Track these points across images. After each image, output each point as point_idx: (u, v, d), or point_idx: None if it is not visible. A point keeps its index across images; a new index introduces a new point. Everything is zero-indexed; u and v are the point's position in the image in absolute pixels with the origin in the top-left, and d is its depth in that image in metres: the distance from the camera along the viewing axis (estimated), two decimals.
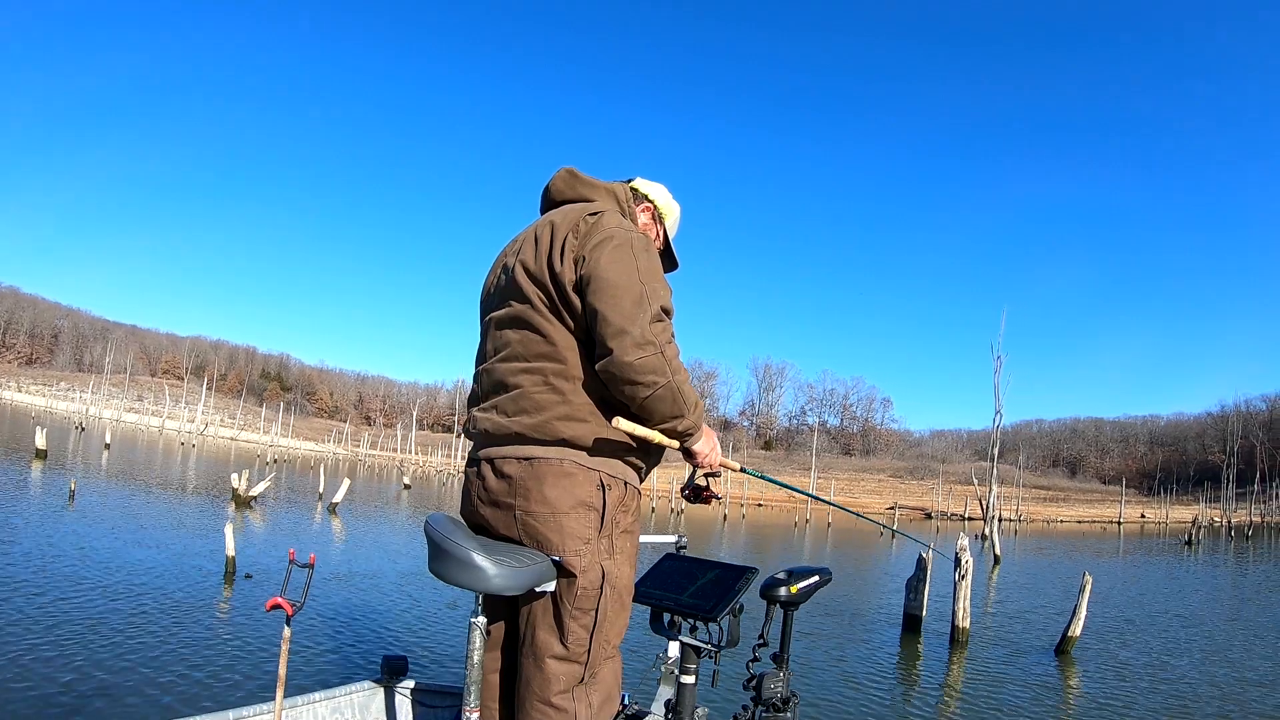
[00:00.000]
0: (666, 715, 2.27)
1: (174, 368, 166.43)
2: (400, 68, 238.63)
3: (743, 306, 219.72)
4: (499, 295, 2.30)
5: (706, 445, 2.22)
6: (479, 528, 2.21)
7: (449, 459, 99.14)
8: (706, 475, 2.34)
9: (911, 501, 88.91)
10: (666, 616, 2.31)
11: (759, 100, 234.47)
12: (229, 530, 10.57)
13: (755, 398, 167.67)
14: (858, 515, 4.37)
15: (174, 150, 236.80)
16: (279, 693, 2.42)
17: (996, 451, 37.00)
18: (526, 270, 2.17)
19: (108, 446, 40.87)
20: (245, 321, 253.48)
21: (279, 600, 2.49)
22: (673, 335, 2.10)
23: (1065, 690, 8.54)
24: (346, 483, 24.75)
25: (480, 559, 1.94)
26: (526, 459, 2.09)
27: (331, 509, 21.95)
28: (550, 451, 2.08)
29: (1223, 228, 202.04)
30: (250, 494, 20.82)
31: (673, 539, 3.19)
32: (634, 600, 2.26)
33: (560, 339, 2.11)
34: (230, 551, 10.36)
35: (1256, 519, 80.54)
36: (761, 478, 2.73)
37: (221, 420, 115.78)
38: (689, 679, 2.25)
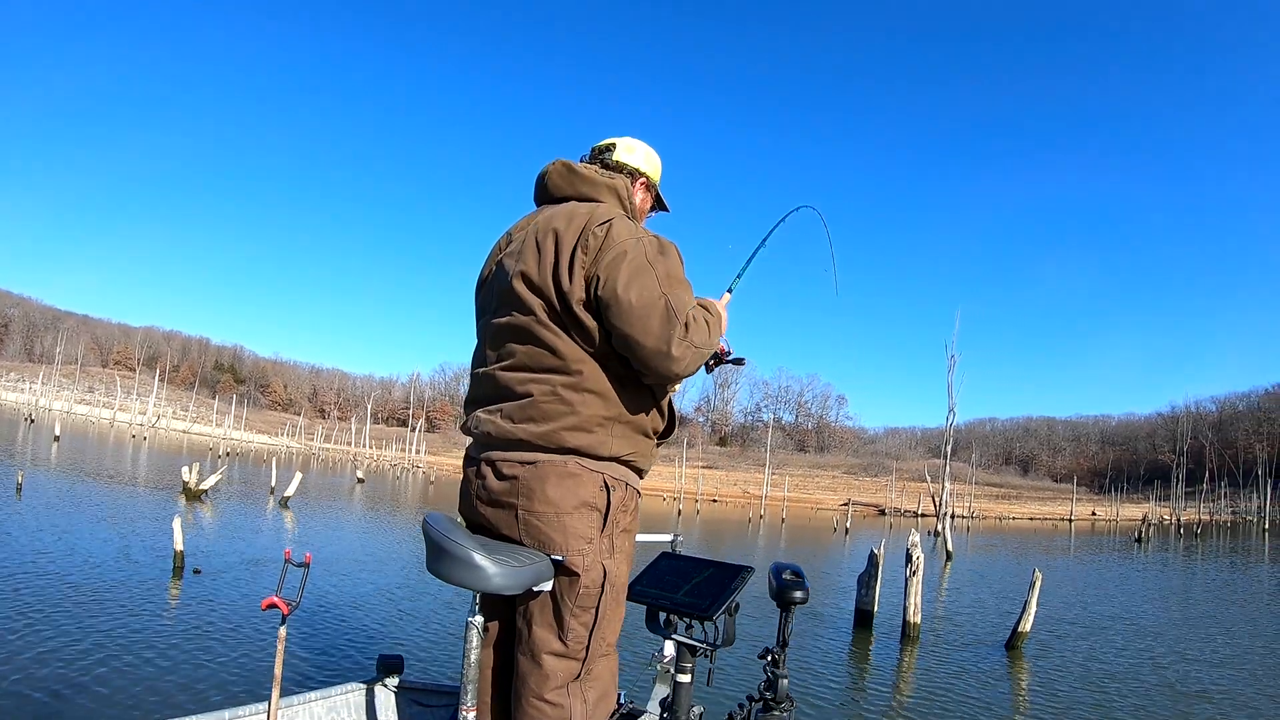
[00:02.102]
0: (662, 714, 2.27)
1: (126, 359, 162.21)
2: (377, 61, 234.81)
3: None
4: (498, 299, 2.27)
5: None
6: (479, 527, 2.21)
7: (403, 453, 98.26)
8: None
9: (865, 498, 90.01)
10: (662, 615, 2.30)
11: (738, 95, 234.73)
12: (177, 524, 10.37)
13: (710, 394, 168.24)
14: None
15: (127, 140, 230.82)
16: (274, 692, 2.40)
17: (950, 449, 37.69)
18: (529, 282, 2.15)
19: (57, 439, 40.29)
20: (199, 312, 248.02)
21: (274, 599, 2.47)
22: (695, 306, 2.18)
23: (1015, 685, 8.71)
24: (298, 476, 24.37)
25: (479, 558, 1.94)
26: (530, 462, 2.09)
27: (283, 503, 21.67)
28: (554, 456, 2.09)
29: (1176, 232, 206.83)
30: (201, 487, 20.45)
31: (668, 537, 3.20)
32: (630, 599, 2.28)
33: (568, 352, 2.10)
34: (178, 546, 10.16)
35: (1205, 517, 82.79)
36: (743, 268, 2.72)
37: (174, 413, 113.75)
38: (685, 678, 2.25)
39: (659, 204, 2.61)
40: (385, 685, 2.87)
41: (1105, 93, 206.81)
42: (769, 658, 2.28)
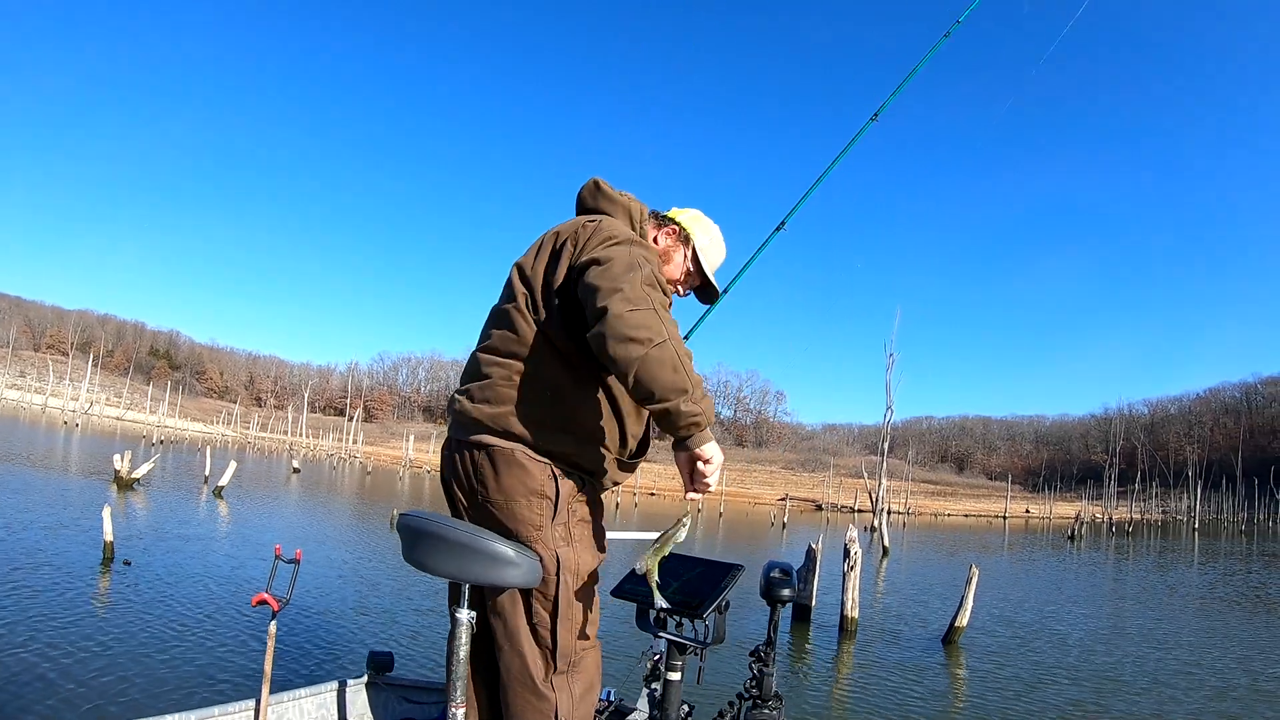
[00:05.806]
0: (652, 712, 2.30)
1: (59, 343, 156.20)
2: (326, 46, 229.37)
3: None
4: (501, 294, 2.35)
5: (718, 454, 1.98)
6: (458, 513, 2.26)
7: (340, 442, 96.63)
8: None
9: (803, 493, 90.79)
10: (652, 613, 2.34)
11: (722, 92, 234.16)
12: (107, 514, 10.11)
13: None
14: None
15: (65, 121, 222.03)
16: (264, 689, 2.39)
17: (887, 446, 38.48)
18: (521, 271, 2.24)
19: None
20: (135, 295, 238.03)
21: (265, 596, 2.45)
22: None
23: (953, 679, 8.90)
24: (233, 465, 23.95)
25: (466, 549, 1.98)
26: (485, 447, 2.14)
27: (217, 492, 21.25)
28: (502, 442, 2.13)
29: (1121, 238, 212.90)
30: (133, 476, 20.10)
31: (655, 535, 3.22)
32: (619, 596, 2.30)
33: (532, 341, 2.15)
34: (108, 536, 9.90)
35: (1136, 516, 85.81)
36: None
37: (107, 399, 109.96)
38: (674, 676, 2.28)
39: (703, 280, 2.55)
40: (375, 682, 2.87)
41: (1071, 93, 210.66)
42: (756, 655, 2.33)
